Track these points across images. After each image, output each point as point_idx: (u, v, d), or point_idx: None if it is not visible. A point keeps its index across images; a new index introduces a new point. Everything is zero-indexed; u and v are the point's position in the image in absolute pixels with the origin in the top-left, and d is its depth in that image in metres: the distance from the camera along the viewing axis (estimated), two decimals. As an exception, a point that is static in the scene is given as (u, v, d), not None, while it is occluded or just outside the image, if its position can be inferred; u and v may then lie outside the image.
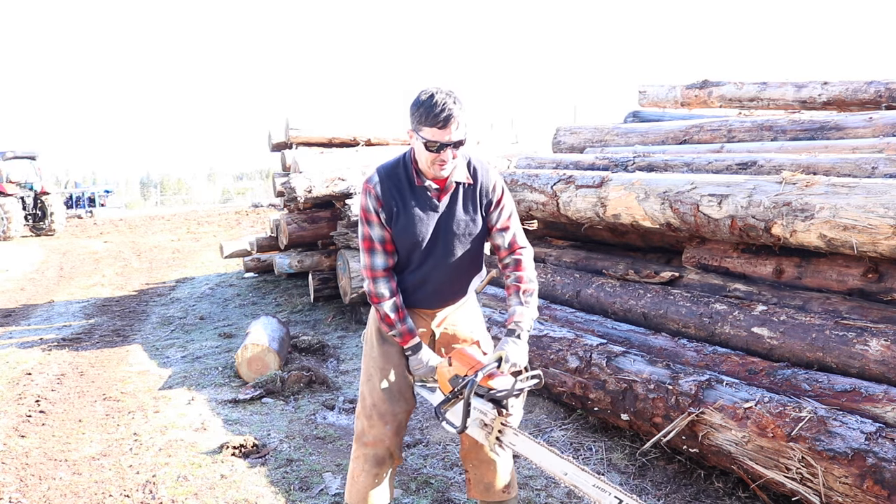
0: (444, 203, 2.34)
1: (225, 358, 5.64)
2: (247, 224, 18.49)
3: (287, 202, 7.46)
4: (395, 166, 2.35)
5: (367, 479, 2.45)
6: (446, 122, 2.13)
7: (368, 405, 2.44)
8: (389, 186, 2.31)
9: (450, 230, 2.34)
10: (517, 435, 2.24)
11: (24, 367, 5.56)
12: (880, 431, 2.39)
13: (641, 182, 4.05)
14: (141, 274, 10.97)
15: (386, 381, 2.44)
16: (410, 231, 2.31)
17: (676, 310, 3.83)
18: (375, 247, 2.35)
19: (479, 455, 2.49)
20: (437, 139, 2.16)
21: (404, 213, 2.30)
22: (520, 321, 2.34)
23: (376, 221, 2.33)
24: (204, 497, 3.20)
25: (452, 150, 2.20)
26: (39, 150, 19.92)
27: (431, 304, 2.45)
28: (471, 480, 2.55)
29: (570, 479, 2.15)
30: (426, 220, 2.32)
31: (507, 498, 2.55)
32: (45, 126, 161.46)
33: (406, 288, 2.41)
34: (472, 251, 2.42)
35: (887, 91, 5.72)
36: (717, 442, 2.83)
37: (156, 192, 49.84)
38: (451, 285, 2.45)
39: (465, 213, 2.36)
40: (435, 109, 2.13)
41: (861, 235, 2.88)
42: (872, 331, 2.92)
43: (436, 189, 2.32)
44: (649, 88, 7.88)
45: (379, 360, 2.46)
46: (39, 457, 3.75)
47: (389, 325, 2.36)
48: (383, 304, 2.35)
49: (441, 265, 2.37)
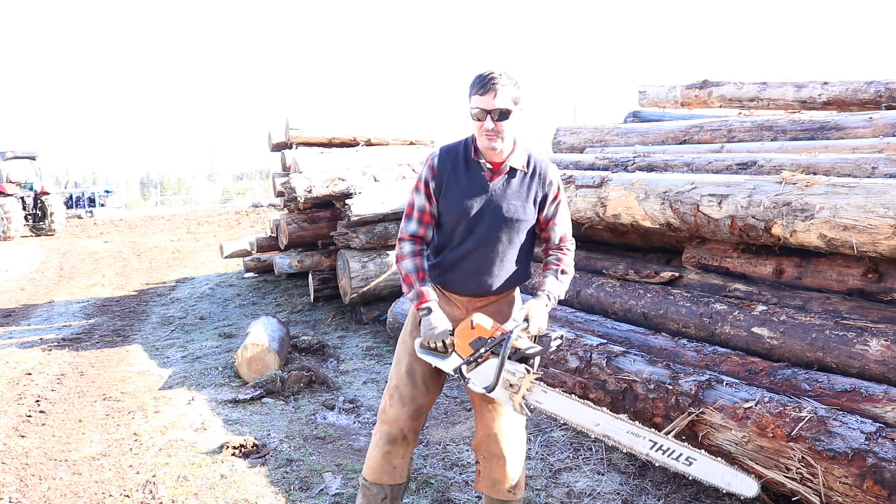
0: (496, 183, 2.38)
1: (225, 358, 5.64)
2: (247, 224, 18.49)
3: (287, 202, 7.46)
4: (457, 144, 2.46)
5: (378, 454, 2.53)
6: (486, 88, 2.22)
7: (392, 385, 2.53)
8: (446, 160, 2.40)
9: (497, 212, 2.37)
10: (546, 392, 2.27)
11: (24, 367, 5.56)
12: (880, 431, 2.39)
13: (641, 182, 4.05)
14: (141, 274, 10.97)
15: (410, 367, 2.50)
16: (456, 203, 2.36)
17: (676, 310, 3.83)
18: (413, 214, 2.43)
19: (490, 448, 2.48)
20: (481, 106, 2.25)
21: (454, 184, 2.37)
22: (550, 291, 2.43)
23: (423, 191, 2.41)
24: (204, 497, 3.20)
25: (497, 122, 2.26)
26: (39, 150, 19.92)
27: (466, 287, 2.44)
28: (480, 472, 2.55)
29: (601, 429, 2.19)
30: (473, 194, 2.36)
31: (511, 498, 2.52)
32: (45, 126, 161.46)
33: (445, 264, 2.43)
34: (518, 241, 2.42)
35: (887, 91, 5.73)
36: (717, 442, 2.83)
37: (156, 192, 49.83)
38: (488, 271, 2.41)
39: (517, 199, 2.39)
40: (480, 78, 2.26)
41: (861, 235, 2.88)
42: (872, 331, 2.92)
43: (489, 169, 2.38)
44: (649, 88, 7.89)
45: (409, 346, 2.52)
46: (39, 457, 3.75)
47: (409, 284, 2.40)
48: (404, 262, 2.42)
49: (482, 246, 2.38)
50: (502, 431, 2.48)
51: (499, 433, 2.47)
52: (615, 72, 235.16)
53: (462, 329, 2.33)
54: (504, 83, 2.24)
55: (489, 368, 2.27)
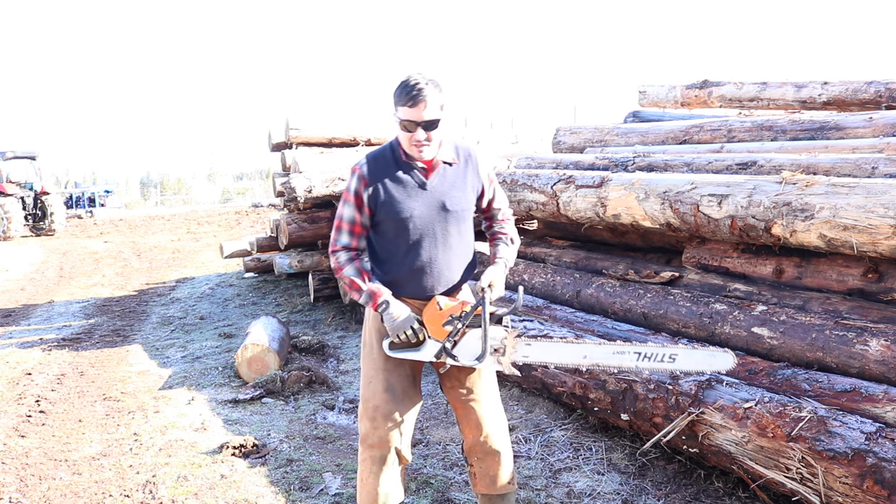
0: (432, 180, 2.38)
1: (225, 358, 5.64)
2: (247, 224, 18.49)
3: (287, 202, 7.46)
4: (383, 150, 2.44)
5: (375, 481, 2.44)
6: (416, 100, 2.22)
7: (371, 407, 2.42)
8: (376, 167, 2.38)
9: (442, 207, 2.38)
10: (530, 345, 2.34)
11: (24, 367, 5.56)
12: (880, 431, 2.39)
13: (641, 182, 4.05)
14: (141, 274, 10.97)
15: (388, 382, 2.43)
16: (398, 207, 2.34)
17: (676, 310, 3.83)
18: (344, 226, 2.41)
19: (485, 447, 2.49)
20: (410, 118, 2.25)
21: (390, 189, 2.35)
22: (504, 257, 2.50)
23: (353, 202, 2.38)
24: (204, 497, 3.20)
25: (426, 132, 2.27)
26: (39, 150, 19.93)
27: (429, 289, 2.43)
28: (476, 474, 2.55)
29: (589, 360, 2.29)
30: (414, 195, 2.36)
31: (511, 489, 2.56)
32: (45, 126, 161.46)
33: (401, 273, 2.40)
34: (466, 231, 2.47)
35: (887, 91, 5.73)
36: (717, 442, 2.83)
37: (156, 192, 49.82)
38: (448, 267, 2.44)
39: (457, 190, 2.41)
40: (407, 89, 2.24)
41: (861, 235, 2.88)
42: (872, 331, 2.92)
43: (422, 167, 2.38)
44: (649, 88, 7.89)
45: (379, 362, 2.45)
46: (39, 457, 3.75)
47: (357, 290, 2.38)
48: (345, 269, 2.39)
49: (435, 244, 2.39)
50: (492, 427, 2.49)
51: (490, 431, 2.48)
52: (615, 72, 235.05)
53: (430, 314, 2.35)
54: (429, 93, 2.23)
55: (471, 341, 2.30)
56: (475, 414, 2.48)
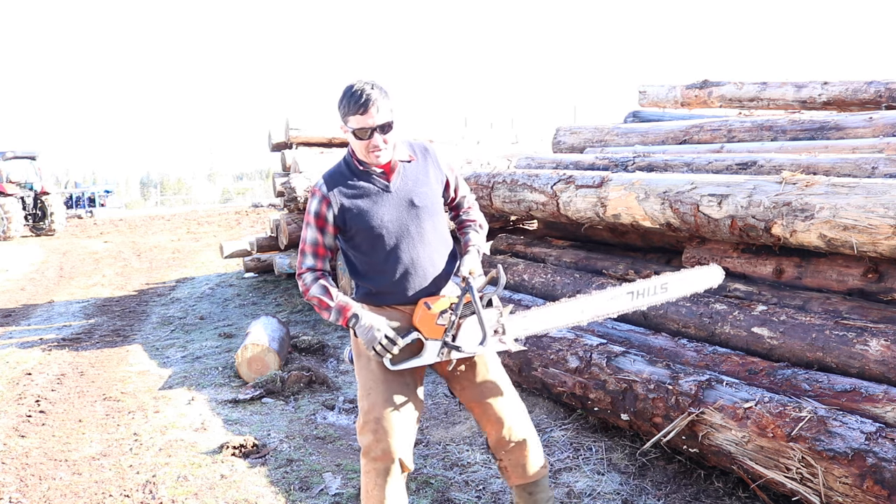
0: (395, 182, 2.38)
1: (225, 358, 5.64)
2: (247, 224, 18.49)
3: (287, 202, 7.46)
4: (338, 166, 2.43)
5: (381, 494, 2.39)
6: (366, 106, 2.22)
7: (372, 419, 2.36)
8: (335, 183, 2.37)
9: (412, 204, 2.37)
10: (525, 317, 2.38)
11: (24, 367, 5.56)
12: (880, 431, 2.39)
13: (641, 182, 4.05)
14: (141, 274, 10.97)
15: (388, 392, 2.38)
16: (368, 217, 2.33)
17: (676, 310, 3.83)
18: (307, 249, 2.39)
19: (510, 439, 2.46)
20: (363, 125, 2.24)
21: (356, 201, 2.34)
22: (476, 244, 2.52)
23: (315, 224, 2.37)
24: (204, 497, 3.20)
25: (381, 135, 2.27)
26: (39, 150, 19.94)
27: (417, 291, 2.41)
28: (507, 468, 2.51)
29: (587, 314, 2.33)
30: (380, 201, 2.35)
31: (544, 473, 2.54)
32: (45, 126, 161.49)
33: (391, 280, 2.38)
34: (440, 224, 2.47)
35: (887, 91, 5.72)
36: (717, 442, 2.83)
37: (156, 192, 49.83)
38: (433, 264, 2.42)
39: (422, 185, 2.41)
40: (354, 97, 2.23)
41: (861, 235, 2.88)
42: (872, 331, 2.92)
43: (381, 172, 2.37)
44: (649, 88, 7.88)
45: (378, 373, 2.40)
46: (39, 457, 3.75)
47: (326, 308, 2.35)
48: (311, 290, 2.36)
49: (414, 244, 2.38)
50: (513, 417, 2.46)
51: (512, 422, 2.46)
52: (615, 72, 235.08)
53: (422, 316, 2.35)
54: (377, 97, 2.23)
55: (469, 329, 2.32)
56: (493, 409, 2.45)
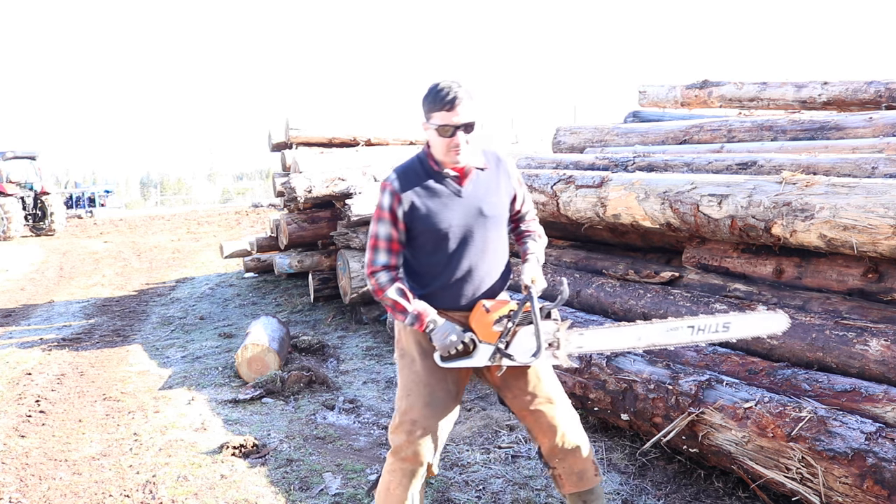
0: (466, 188, 2.34)
1: (225, 358, 5.64)
2: (247, 224, 18.49)
3: (287, 202, 7.46)
4: (411, 163, 2.39)
5: (403, 494, 2.39)
6: (453, 103, 2.21)
7: (408, 420, 2.35)
8: (406, 181, 2.32)
9: (480, 213, 2.34)
10: (583, 334, 2.33)
11: (24, 367, 5.56)
12: (880, 431, 2.39)
13: (641, 182, 4.05)
14: (141, 274, 10.97)
15: (431, 397, 2.36)
16: (436, 219, 2.30)
17: (676, 310, 3.83)
18: (380, 244, 2.34)
19: (564, 447, 2.42)
20: (447, 122, 2.22)
21: (426, 201, 2.30)
22: (535, 252, 2.49)
23: (388, 219, 2.32)
24: (204, 497, 3.20)
25: (464, 134, 2.25)
26: (39, 150, 19.94)
27: (471, 299, 2.38)
28: (561, 476, 2.47)
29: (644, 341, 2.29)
30: (451, 205, 2.31)
31: (598, 481, 2.49)
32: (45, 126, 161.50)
33: (446, 284, 2.35)
34: (503, 235, 2.45)
35: (887, 91, 5.72)
36: (717, 442, 2.83)
37: (156, 192, 49.82)
38: (489, 275, 2.40)
39: (492, 195, 2.38)
40: (442, 94, 2.22)
41: (861, 235, 2.88)
42: (872, 331, 2.92)
43: (455, 175, 2.34)
44: (649, 88, 7.88)
45: (422, 375, 2.37)
46: (39, 457, 3.75)
47: (402, 311, 2.31)
48: (387, 291, 2.32)
49: (476, 252, 2.35)
50: (566, 424, 2.43)
51: (565, 428, 2.42)
52: (615, 72, 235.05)
53: (479, 318, 2.32)
54: (464, 95, 2.22)
55: (524, 339, 2.27)
56: (545, 417, 2.41)
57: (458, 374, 2.42)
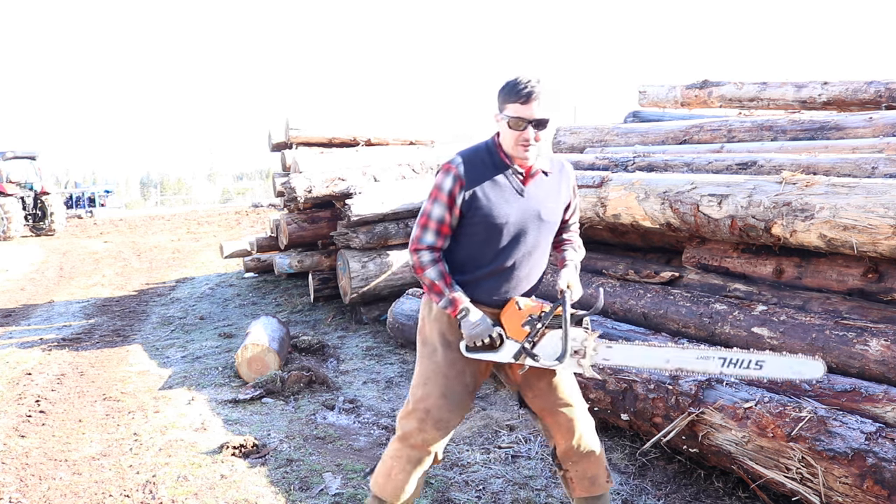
0: (530, 188, 2.32)
1: (225, 358, 5.64)
2: (247, 224, 18.50)
3: (287, 202, 7.46)
4: (477, 150, 2.35)
5: (405, 479, 2.41)
6: (528, 97, 2.18)
7: (422, 408, 2.36)
8: (471, 167, 2.29)
9: (539, 216, 2.33)
10: (611, 347, 2.30)
11: (24, 367, 5.56)
12: (880, 431, 2.40)
13: (641, 182, 4.05)
14: (141, 274, 10.97)
15: (447, 388, 2.36)
16: (495, 211, 2.26)
17: (676, 310, 3.83)
18: (430, 224, 2.31)
19: (579, 450, 2.42)
20: (520, 115, 2.19)
21: (489, 193, 2.27)
22: (574, 260, 2.49)
23: (445, 202, 2.28)
24: (204, 497, 3.20)
25: (536, 131, 2.22)
26: (39, 150, 19.94)
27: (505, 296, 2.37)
28: (573, 479, 2.47)
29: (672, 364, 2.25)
30: (512, 201, 2.29)
31: (608, 488, 2.49)
32: (45, 126, 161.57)
33: (485, 276, 2.33)
34: (550, 243, 2.45)
35: (887, 91, 5.72)
36: (717, 442, 2.83)
37: (156, 192, 49.84)
38: (528, 277, 2.39)
39: (552, 201, 2.37)
40: (518, 86, 2.19)
41: (861, 235, 2.88)
42: (872, 331, 2.92)
43: (521, 173, 2.32)
44: (649, 88, 7.88)
45: (442, 366, 2.37)
46: (39, 457, 3.75)
47: (438, 293, 2.30)
48: (427, 271, 2.30)
49: (526, 253, 2.34)
50: (584, 428, 2.42)
51: (582, 432, 2.42)
52: (615, 72, 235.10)
53: (510, 314, 2.32)
54: (540, 90, 2.18)
55: (551, 342, 2.26)
56: (565, 418, 2.40)
57: (478, 370, 2.42)
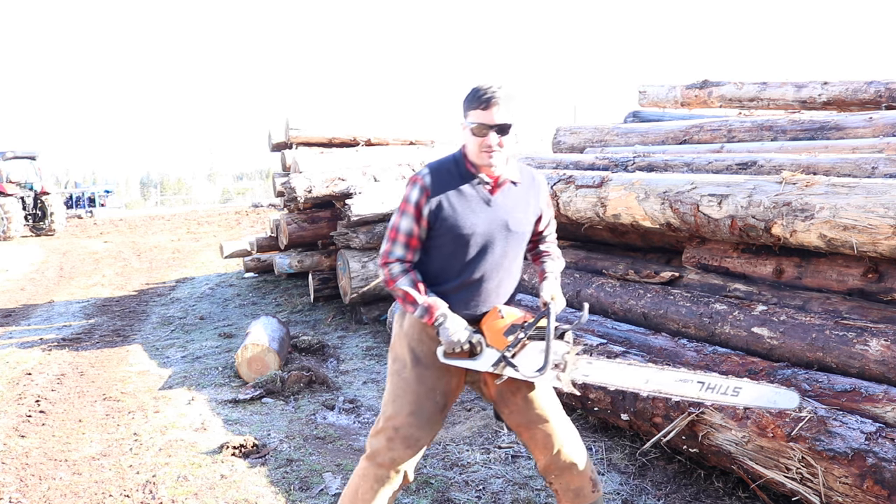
0: (497, 198, 2.30)
1: (225, 358, 5.64)
2: (247, 224, 18.50)
3: (287, 202, 7.46)
4: (445, 161, 2.34)
5: (371, 498, 2.34)
6: (489, 102, 2.17)
7: (390, 427, 2.31)
8: (438, 178, 2.27)
9: (506, 226, 2.30)
10: (591, 363, 2.28)
11: (24, 367, 5.56)
12: (880, 431, 2.39)
13: (641, 182, 4.05)
14: (141, 274, 10.97)
15: (417, 405, 2.31)
16: (461, 222, 2.24)
17: (676, 310, 3.83)
18: (399, 237, 2.28)
19: (559, 463, 2.37)
20: (482, 121, 2.18)
21: (455, 203, 2.25)
22: (552, 271, 2.49)
23: (412, 213, 2.26)
24: (204, 497, 3.20)
25: (498, 137, 2.19)
26: (39, 150, 19.94)
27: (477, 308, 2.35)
28: (558, 491, 2.43)
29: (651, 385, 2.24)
30: (478, 211, 2.26)
31: (597, 497, 2.44)
32: (45, 126, 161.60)
33: (454, 288, 2.30)
34: (521, 253, 2.41)
35: (887, 91, 5.72)
36: (717, 442, 2.83)
37: (156, 192, 49.84)
38: (497, 289, 2.36)
39: (520, 211, 2.34)
40: (479, 93, 2.20)
41: (861, 235, 2.88)
42: (872, 331, 2.92)
43: (488, 182, 2.30)
44: (649, 88, 7.88)
45: (412, 383, 2.33)
46: (39, 457, 3.75)
47: (412, 302, 2.25)
48: (399, 282, 2.27)
49: (495, 264, 2.31)
50: (563, 440, 2.38)
51: (561, 444, 2.37)
52: (615, 72, 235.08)
53: (492, 322, 2.28)
54: (502, 96, 2.17)
55: (532, 353, 2.22)
56: (541, 433, 2.36)
57: (449, 387, 2.37)
